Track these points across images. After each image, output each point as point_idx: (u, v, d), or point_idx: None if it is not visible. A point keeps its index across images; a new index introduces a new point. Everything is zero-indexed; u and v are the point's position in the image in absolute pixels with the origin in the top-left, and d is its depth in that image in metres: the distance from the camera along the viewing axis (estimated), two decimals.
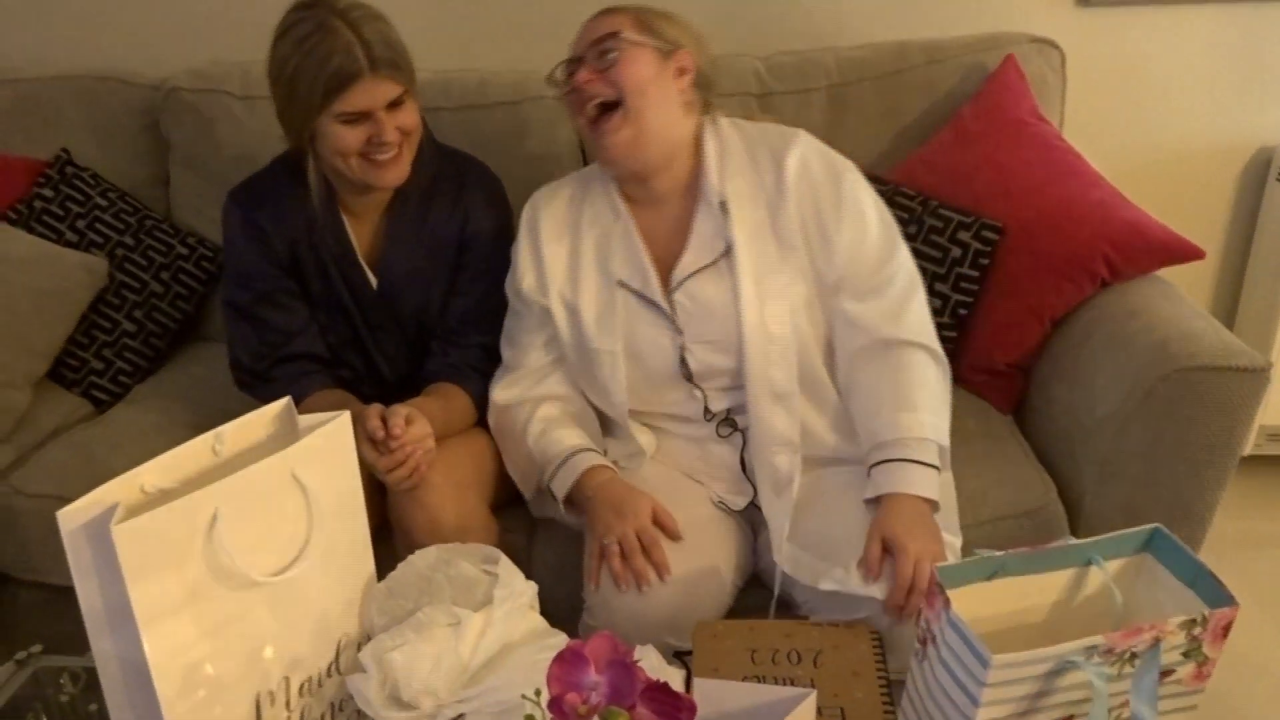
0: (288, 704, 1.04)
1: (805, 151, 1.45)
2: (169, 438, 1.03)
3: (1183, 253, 1.69)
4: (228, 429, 1.02)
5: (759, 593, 1.50)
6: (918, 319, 1.43)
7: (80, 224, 2.04)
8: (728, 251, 1.42)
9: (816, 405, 1.44)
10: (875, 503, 1.33)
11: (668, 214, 1.48)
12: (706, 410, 1.48)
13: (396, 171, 1.50)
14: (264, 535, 1.00)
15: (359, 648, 1.09)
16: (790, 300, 1.41)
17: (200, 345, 2.13)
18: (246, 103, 2.03)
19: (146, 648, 0.91)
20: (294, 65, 1.42)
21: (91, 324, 1.99)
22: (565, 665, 0.77)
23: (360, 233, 1.61)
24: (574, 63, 1.42)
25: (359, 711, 1.06)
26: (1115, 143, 2.21)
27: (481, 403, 1.59)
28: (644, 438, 1.53)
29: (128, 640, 0.91)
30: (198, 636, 0.95)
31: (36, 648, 1.27)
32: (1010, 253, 1.78)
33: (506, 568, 1.13)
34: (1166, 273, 1.74)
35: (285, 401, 1.07)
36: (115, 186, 2.10)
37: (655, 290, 1.45)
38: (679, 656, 1.23)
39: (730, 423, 1.48)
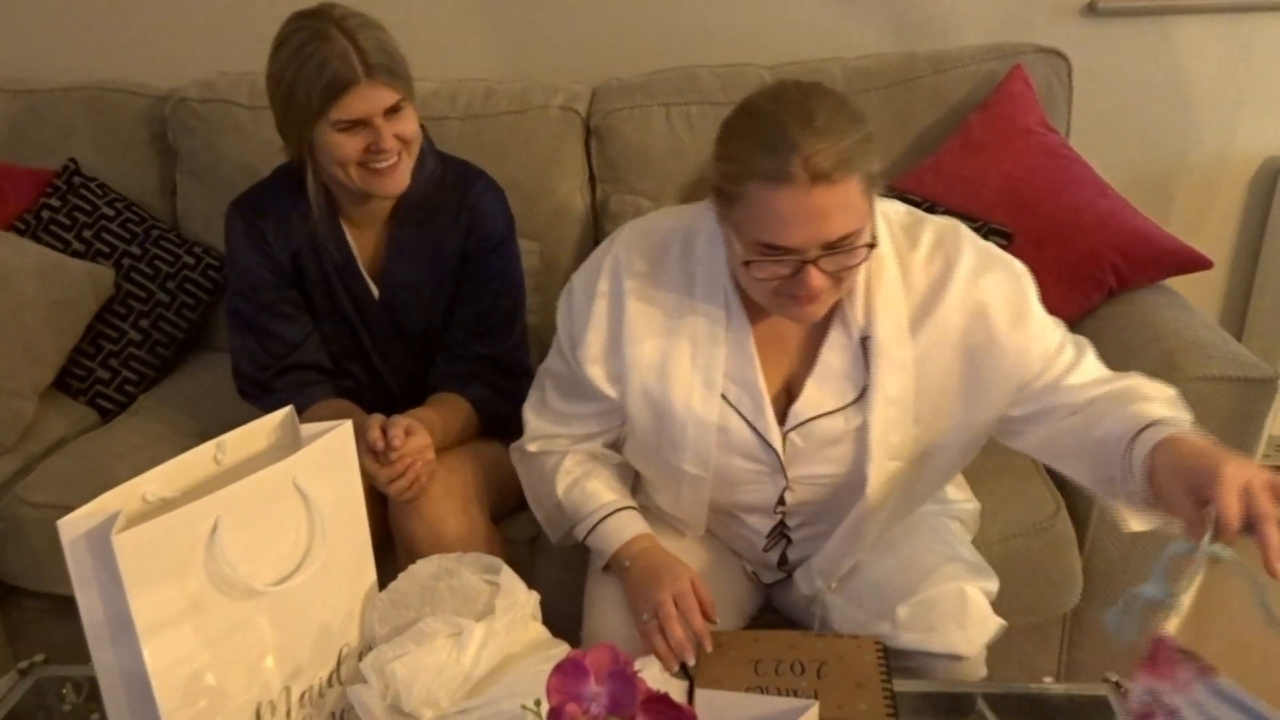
0: (289, 714, 1.03)
1: (977, 286, 1.18)
2: (174, 447, 1.03)
3: (1191, 262, 1.69)
4: (230, 438, 1.02)
5: (769, 617, 1.49)
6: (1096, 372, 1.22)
7: (87, 234, 2.04)
8: (861, 397, 1.22)
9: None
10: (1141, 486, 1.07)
11: (790, 332, 1.24)
12: (781, 526, 1.34)
13: (395, 180, 1.49)
14: (265, 544, 0.99)
15: (360, 658, 1.08)
16: (911, 457, 1.24)
17: (206, 355, 2.14)
18: (254, 113, 2.04)
19: (147, 658, 0.90)
20: (291, 73, 1.42)
21: (98, 334, 1.99)
22: (565, 676, 0.77)
23: (362, 243, 1.61)
24: (785, 253, 1.09)
25: None
26: (1122, 153, 2.20)
27: (484, 412, 1.59)
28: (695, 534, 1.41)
29: (128, 650, 0.91)
30: (199, 646, 0.94)
31: (39, 657, 1.27)
32: None
33: (508, 578, 1.13)
34: (1174, 283, 1.74)
35: (287, 410, 1.07)
36: (122, 196, 2.11)
37: (769, 427, 1.24)
38: (682, 668, 1.22)
39: (784, 536, 1.37)
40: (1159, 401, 1.13)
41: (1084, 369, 1.20)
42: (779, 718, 0.89)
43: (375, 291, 1.62)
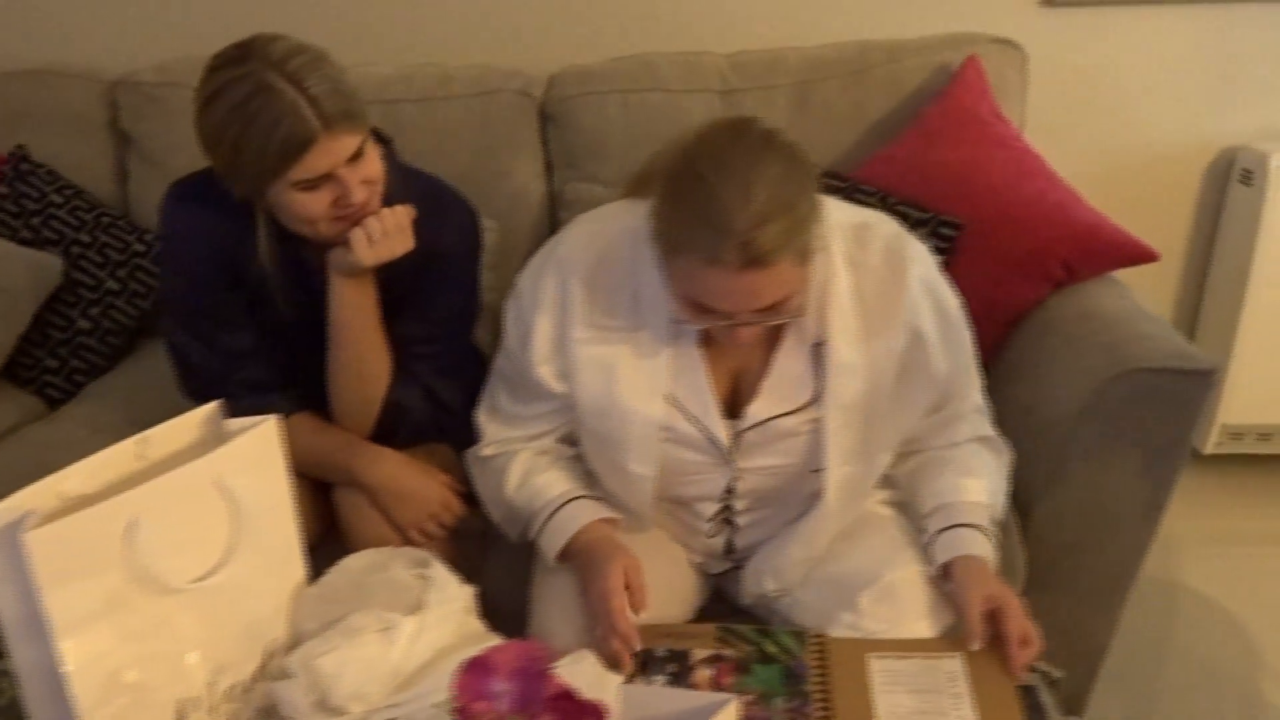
0: (212, 709, 1.03)
1: (920, 300, 1.23)
2: (119, 438, 1.01)
3: (1138, 254, 1.70)
4: (155, 433, 1.02)
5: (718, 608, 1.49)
6: (978, 418, 1.37)
7: (35, 221, 2.02)
8: (816, 400, 1.24)
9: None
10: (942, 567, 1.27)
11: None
12: (726, 510, 1.35)
13: None
14: (188, 541, 0.99)
15: (288, 653, 1.08)
16: (860, 459, 1.26)
17: (157, 343, 2.09)
18: None
19: (64, 656, 0.90)
20: (234, 134, 1.22)
21: (46, 323, 1.98)
22: (471, 675, 0.77)
23: (319, 261, 1.42)
24: (716, 314, 1.13)
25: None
26: (1078, 144, 2.21)
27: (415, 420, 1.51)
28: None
29: (45, 648, 0.90)
30: (118, 644, 0.94)
31: None
32: (968, 252, 1.77)
33: (439, 572, 1.12)
34: (1131, 274, 1.74)
35: (214, 405, 1.06)
36: (71, 183, 2.09)
37: (716, 424, 1.25)
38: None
39: (730, 522, 1.37)
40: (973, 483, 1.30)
41: (972, 419, 1.35)
42: (697, 712, 0.89)
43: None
